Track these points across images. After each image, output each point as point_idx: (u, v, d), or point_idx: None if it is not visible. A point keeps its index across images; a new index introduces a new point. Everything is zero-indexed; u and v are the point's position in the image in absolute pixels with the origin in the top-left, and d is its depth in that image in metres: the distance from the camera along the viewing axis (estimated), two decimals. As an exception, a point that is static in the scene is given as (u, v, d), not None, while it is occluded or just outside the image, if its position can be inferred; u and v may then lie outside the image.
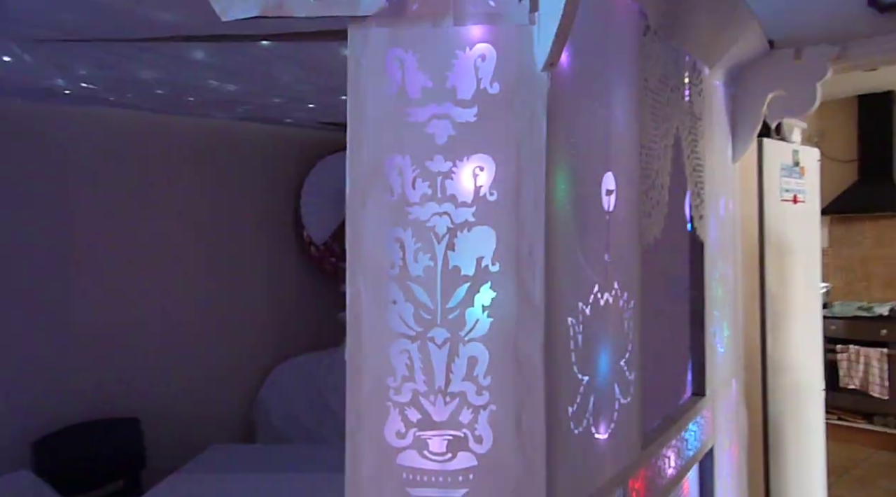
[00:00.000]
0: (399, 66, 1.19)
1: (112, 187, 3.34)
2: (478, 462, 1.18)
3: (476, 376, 1.18)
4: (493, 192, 1.17)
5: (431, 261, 1.18)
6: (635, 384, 1.57)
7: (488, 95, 1.17)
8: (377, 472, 1.20)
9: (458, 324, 1.18)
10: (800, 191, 3.26)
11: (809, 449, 3.33)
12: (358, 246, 1.21)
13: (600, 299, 1.39)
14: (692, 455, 2.05)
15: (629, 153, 1.53)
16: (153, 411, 3.35)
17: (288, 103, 3.10)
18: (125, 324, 3.35)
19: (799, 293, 3.25)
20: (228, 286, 3.76)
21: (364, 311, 1.21)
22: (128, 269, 3.37)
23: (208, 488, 2.59)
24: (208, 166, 3.69)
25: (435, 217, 1.18)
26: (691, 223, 2.13)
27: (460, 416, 1.18)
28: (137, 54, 2.38)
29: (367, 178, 1.20)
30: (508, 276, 1.17)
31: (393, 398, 1.19)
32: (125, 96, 3.01)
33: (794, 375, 3.19)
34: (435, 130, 1.18)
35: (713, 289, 2.30)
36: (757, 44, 2.33)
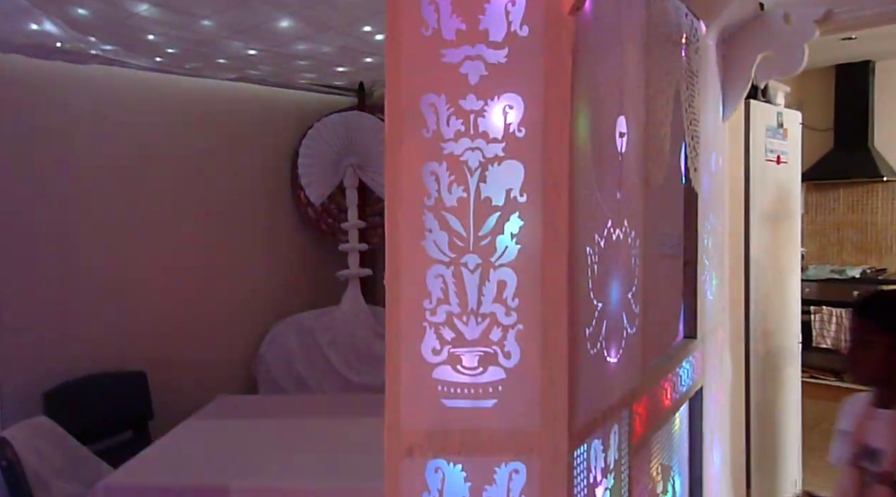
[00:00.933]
0: (434, 9, 1.27)
1: (116, 145, 3.39)
2: (506, 375, 1.30)
3: (505, 298, 1.29)
4: (522, 129, 1.27)
5: (464, 192, 1.28)
6: (639, 317, 1.70)
7: (518, 38, 1.26)
8: (414, 386, 1.31)
9: (488, 250, 1.29)
10: (783, 152, 3.40)
11: (787, 401, 3.52)
12: (396, 179, 1.30)
13: (612, 234, 1.50)
14: (685, 391, 2.19)
15: (637, 101, 1.64)
16: (159, 365, 3.43)
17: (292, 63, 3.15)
18: (131, 280, 3.42)
19: (779, 250, 3.41)
20: (229, 245, 3.84)
21: (401, 240, 1.30)
22: (132, 226, 3.43)
23: (220, 433, 2.70)
24: (209, 127, 3.74)
25: (468, 152, 1.28)
26: (686, 175, 2.25)
27: (491, 334, 1.29)
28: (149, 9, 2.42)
29: (403, 116, 1.29)
30: (535, 206, 1.28)
31: (429, 319, 1.30)
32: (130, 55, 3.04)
33: (773, 330, 3.36)
34: (468, 71, 1.27)
35: (704, 239, 2.43)
36: (750, 4, 2.43)
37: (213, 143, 3.80)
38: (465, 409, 1.30)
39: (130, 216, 3.44)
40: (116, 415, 3.20)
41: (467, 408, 1.30)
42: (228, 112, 3.85)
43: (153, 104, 3.55)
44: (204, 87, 3.71)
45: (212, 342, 3.75)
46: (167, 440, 2.61)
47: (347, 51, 2.98)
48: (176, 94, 3.62)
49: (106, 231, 3.36)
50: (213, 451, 2.48)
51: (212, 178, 3.78)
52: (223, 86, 3.76)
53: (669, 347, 2.20)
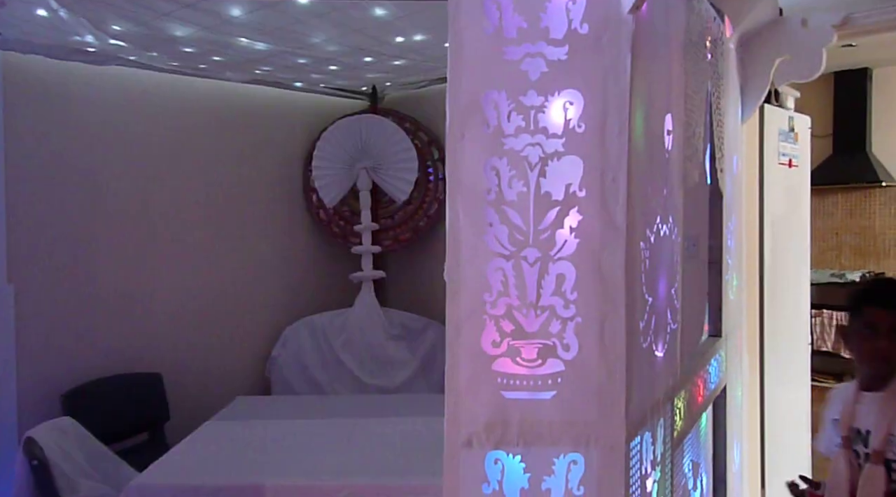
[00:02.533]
0: (496, 7, 1.30)
1: (131, 147, 3.39)
2: (565, 368, 1.31)
3: (564, 291, 1.31)
4: (581, 125, 1.29)
5: (525, 187, 1.30)
6: (680, 312, 1.73)
7: (578, 35, 1.29)
8: (474, 378, 1.32)
9: (548, 244, 1.31)
10: (794, 155, 3.45)
11: (797, 402, 3.56)
12: (457, 174, 1.32)
13: (660, 229, 1.53)
14: (713, 388, 2.22)
15: (680, 100, 1.67)
16: (175, 368, 3.43)
17: (311, 64, 3.17)
18: (147, 282, 3.42)
19: (790, 253, 3.45)
20: (242, 247, 3.84)
21: (462, 234, 1.32)
22: (148, 228, 3.43)
23: (243, 433, 2.70)
24: (223, 129, 3.75)
25: (528, 147, 1.30)
26: (712, 175, 2.28)
27: (550, 326, 1.31)
28: (176, 10, 2.44)
29: (465, 112, 1.31)
30: (594, 201, 1.30)
31: (489, 311, 1.32)
32: (149, 55, 3.05)
33: (785, 332, 3.40)
34: (528, 68, 1.30)
35: (728, 239, 2.47)
36: (772, 9, 2.48)
37: (226, 146, 3.80)
38: (525, 400, 1.32)
39: (146, 218, 3.44)
40: (133, 416, 3.19)
41: (526, 399, 1.32)
42: (241, 115, 3.85)
43: (168, 106, 3.55)
44: (217, 90, 3.71)
45: (225, 344, 3.74)
46: (191, 441, 2.61)
47: (369, 53, 3.00)
48: (190, 97, 3.62)
49: (122, 232, 3.35)
50: (238, 451, 2.48)
51: (225, 180, 3.79)
52: (236, 88, 3.77)
53: (697, 345, 2.23)
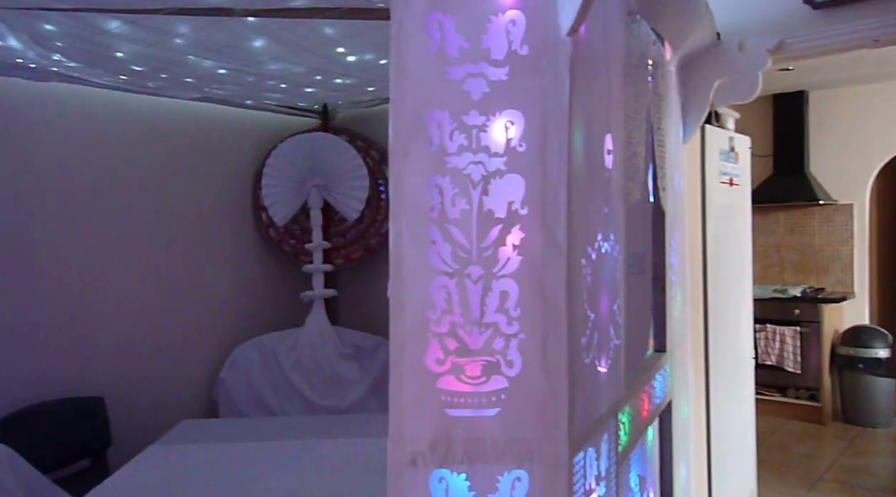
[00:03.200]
0: (438, 28, 1.32)
1: (74, 165, 3.31)
2: (509, 384, 1.32)
3: (507, 308, 1.32)
4: (523, 144, 1.32)
5: (468, 204, 1.32)
6: (624, 328, 1.76)
7: (518, 56, 1.31)
8: (418, 395, 1.32)
9: (491, 261, 1.32)
10: (735, 174, 3.57)
11: (742, 416, 3.65)
12: (400, 192, 1.33)
13: (602, 247, 1.56)
14: (658, 403, 2.26)
15: (619, 120, 1.71)
16: (118, 391, 3.32)
17: (260, 82, 3.14)
18: (89, 302, 3.31)
19: (733, 269, 3.55)
20: (189, 267, 3.77)
21: (405, 251, 1.33)
22: (90, 247, 3.34)
23: (187, 458, 2.63)
24: (169, 147, 3.68)
25: (471, 166, 1.32)
26: (655, 194, 2.34)
27: (493, 343, 1.32)
28: (121, 27, 2.40)
29: (408, 131, 1.32)
30: (536, 218, 1.32)
31: (433, 329, 1.32)
32: (93, 72, 2.98)
33: (729, 347, 3.48)
34: (470, 88, 1.32)
35: (671, 256, 2.53)
36: (709, 34, 2.57)
37: (174, 164, 3.74)
38: (469, 417, 1.32)
39: (89, 237, 3.34)
40: (74, 442, 3.07)
41: (470, 416, 1.32)
42: (190, 132, 3.80)
43: (113, 123, 3.47)
44: (165, 107, 3.65)
45: (171, 366, 3.65)
46: (132, 467, 2.52)
47: (318, 72, 3.00)
48: (137, 114, 3.55)
49: (63, 251, 3.25)
50: (183, 477, 2.41)
51: (172, 198, 3.71)
52: (185, 105, 3.72)
53: (642, 360, 2.27)
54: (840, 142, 5.98)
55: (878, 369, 5.29)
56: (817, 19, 2.60)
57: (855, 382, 5.41)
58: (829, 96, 6.05)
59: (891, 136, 5.74)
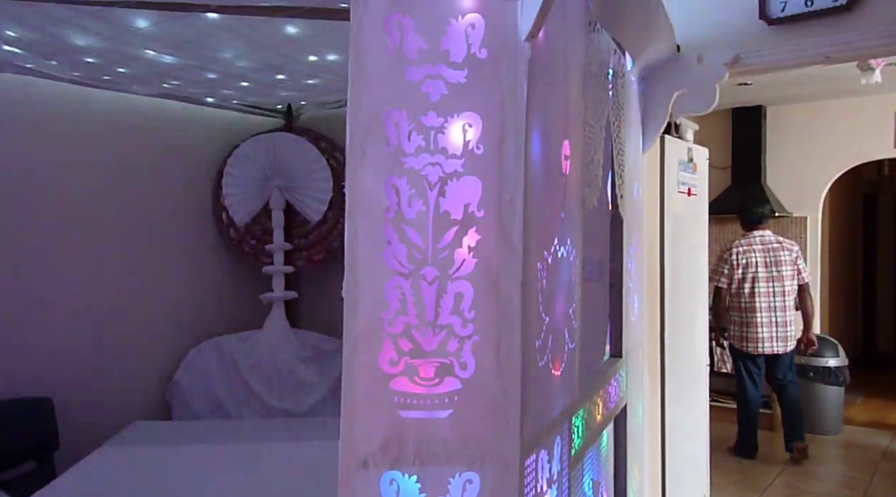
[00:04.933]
0: (398, 28, 1.31)
1: (26, 158, 3.21)
2: (462, 386, 1.32)
3: (462, 310, 1.32)
4: (480, 147, 1.32)
5: (424, 206, 1.31)
6: (578, 332, 1.77)
7: (477, 59, 1.32)
8: (371, 396, 1.31)
9: (446, 263, 1.32)
10: (693, 185, 3.63)
11: (697, 421, 3.71)
12: (356, 191, 1.32)
13: (558, 251, 1.57)
14: (613, 407, 2.28)
15: (578, 127, 1.73)
16: (67, 392, 3.23)
17: (221, 80, 3.10)
18: (38, 301, 3.22)
19: (689, 277, 3.61)
20: (146, 266, 3.69)
21: (360, 251, 1.32)
22: (40, 242, 3.25)
23: (137, 460, 2.57)
24: (127, 143, 3.61)
25: (428, 167, 1.32)
26: (613, 201, 2.38)
27: (448, 345, 1.32)
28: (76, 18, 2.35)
29: (366, 130, 1.32)
30: (492, 221, 1.32)
31: (387, 330, 1.31)
32: (48, 63, 2.91)
33: (685, 353, 3.54)
34: (429, 89, 1.32)
35: (628, 263, 2.56)
36: (669, 46, 2.62)
37: (133, 161, 3.66)
38: (421, 419, 1.32)
39: (39, 232, 3.25)
40: (19, 444, 2.97)
41: (423, 418, 1.32)
42: (150, 129, 3.73)
43: (70, 118, 3.39)
44: (124, 102, 3.58)
45: (124, 367, 3.57)
46: (81, 469, 2.46)
47: (281, 71, 2.97)
48: (96, 109, 3.47)
49: (11, 247, 3.16)
50: (131, 480, 2.36)
51: (130, 196, 3.64)
52: (144, 101, 3.65)
53: (598, 365, 2.30)
54: (795, 156, 6.14)
55: (828, 378, 5.43)
56: (772, 35, 2.67)
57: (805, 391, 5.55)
58: (786, 111, 6.21)
59: (842, 152, 5.91)
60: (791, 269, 4.76)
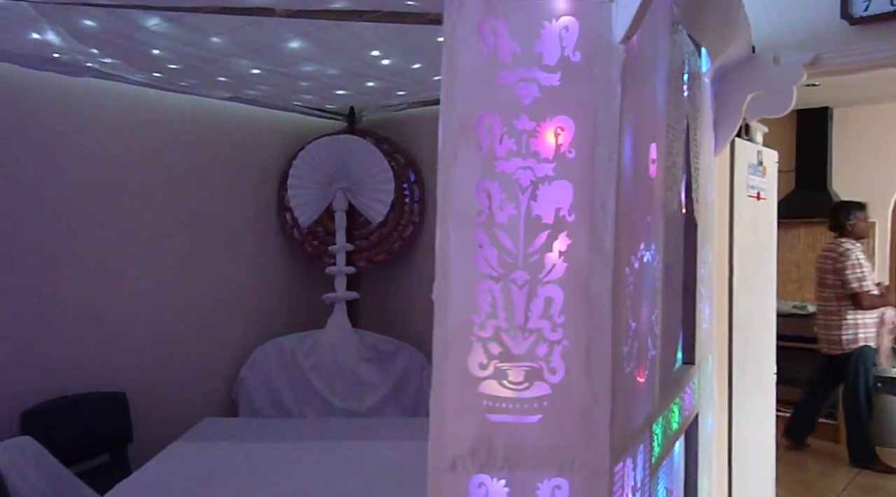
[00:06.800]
0: (491, 32, 1.31)
1: (101, 161, 3.33)
2: (551, 391, 1.31)
3: (552, 315, 1.31)
4: (572, 151, 1.31)
5: (515, 210, 1.31)
6: (660, 339, 1.75)
7: (571, 63, 1.31)
8: (460, 399, 1.31)
9: (537, 267, 1.31)
10: (762, 188, 3.54)
11: (763, 432, 3.61)
12: (448, 195, 1.33)
13: (644, 256, 1.55)
14: (687, 415, 2.24)
15: (662, 130, 1.71)
16: (139, 387, 3.33)
17: (291, 83, 3.16)
18: (114, 300, 3.34)
19: (758, 283, 3.52)
20: (213, 265, 3.78)
21: (452, 255, 1.32)
22: (116, 243, 3.36)
23: (210, 456, 2.63)
24: (197, 145, 3.70)
25: (520, 171, 1.31)
26: (687, 205, 2.33)
27: (537, 349, 1.31)
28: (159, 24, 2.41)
29: (458, 134, 1.32)
30: (583, 225, 1.31)
31: (476, 333, 1.31)
32: (128, 68, 3.01)
33: (752, 361, 3.45)
34: (522, 93, 1.31)
35: (701, 269, 2.51)
36: (746, 46, 2.56)
37: (200, 163, 3.75)
38: (510, 423, 1.31)
39: (114, 233, 3.36)
40: (95, 437, 3.08)
41: (512, 423, 1.31)
42: (216, 132, 3.81)
43: (140, 121, 3.49)
44: (192, 106, 3.67)
45: (193, 364, 3.66)
46: (158, 462, 2.53)
47: (351, 74, 3.01)
48: (164, 112, 3.57)
49: (89, 248, 3.27)
50: (207, 475, 2.42)
51: (198, 197, 3.73)
52: (212, 104, 3.73)
53: (673, 372, 2.25)
54: (863, 159, 5.94)
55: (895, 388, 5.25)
56: (854, 35, 2.59)
57: (872, 401, 5.35)
58: (853, 113, 6.01)
59: (916, 157, 5.70)
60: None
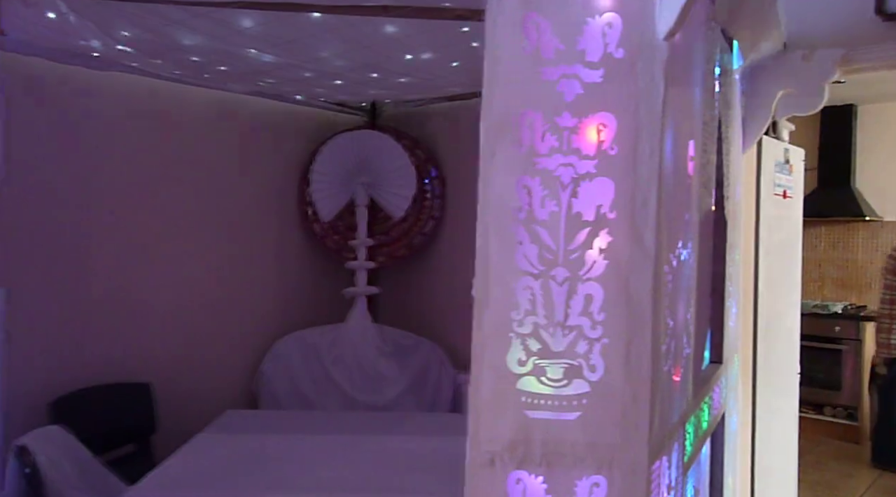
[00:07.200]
0: (535, 28, 1.31)
1: (127, 155, 3.35)
2: (591, 389, 1.31)
3: (591, 312, 1.31)
4: (614, 147, 1.30)
5: (556, 206, 1.30)
6: (694, 338, 1.74)
7: (613, 59, 1.30)
8: (498, 396, 1.31)
9: (577, 264, 1.31)
10: (788, 187, 3.51)
11: (786, 432, 3.59)
12: (488, 191, 1.32)
13: (681, 254, 1.54)
14: (716, 414, 2.23)
15: (699, 127, 1.70)
16: (163, 378, 3.36)
17: (316, 78, 3.16)
18: (139, 292, 3.37)
19: (782, 283, 3.50)
20: (236, 259, 3.81)
21: (491, 251, 1.32)
22: (142, 237, 3.39)
23: (236, 448, 2.65)
24: (221, 139, 3.72)
25: (561, 167, 1.30)
26: (717, 202, 2.31)
27: (577, 347, 1.31)
28: (187, 19, 2.42)
29: (498, 130, 1.32)
30: (624, 223, 1.30)
31: (515, 330, 1.31)
32: (154, 62, 3.02)
33: (776, 361, 3.43)
34: (564, 89, 1.30)
35: (730, 266, 2.49)
36: (778, 43, 2.54)
37: (222, 157, 3.77)
38: (549, 420, 1.31)
39: (140, 226, 3.39)
40: (121, 427, 3.12)
41: (550, 419, 1.31)
42: (238, 125, 3.83)
43: (165, 115, 3.51)
44: (215, 99, 3.68)
45: (213, 356, 3.69)
46: (185, 453, 2.55)
47: (376, 69, 3.01)
48: (187, 105, 3.58)
49: (116, 240, 3.30)
50: (234, 466, 2.44)
51: (220, 191, 3.75)
52: (234, 98, 3.74)
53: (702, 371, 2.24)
54: (888, 157, 5.87)
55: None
56: (888, 31, 2.55)
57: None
58: (879, 110, 5.94)
59: (942, 154, 5.62)
60: None
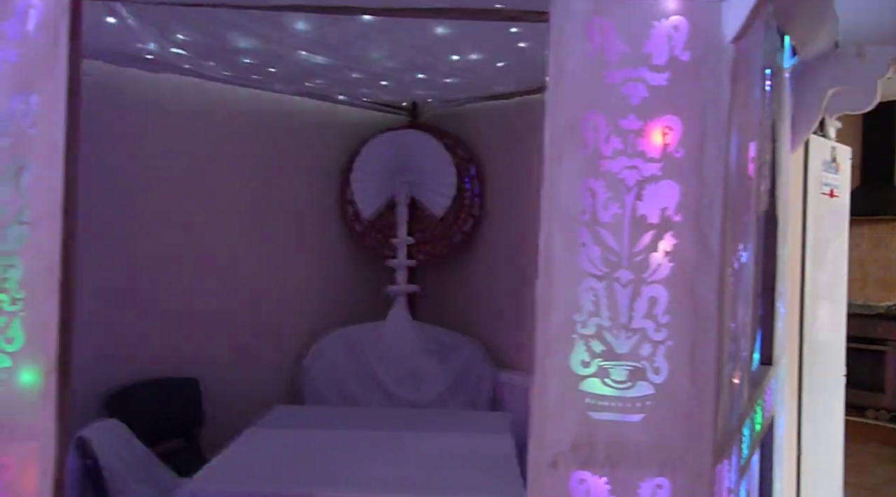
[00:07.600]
0: (599, 32, 1.31)
1: (177, 155, 3.42)
2: (655, 391, 1.31)
3: (656, 314, 1.31)
4: (680, 150, 1.31)
5: (620, 209, 1.31)
6: (750, 340, 1.73)
7: (680, 62, 1.30)
8: (562, 397, 1.33)
9: (641, 266, 1.31)
10: (835, 186, 3.46)
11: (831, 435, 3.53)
12: (552, 193, 1.33)
13: (742, 256, 1.54)
14: (768, 416, 2.21)
15: (758, 128, 1.69)
16: (210, 373, 3.43)
17: (364, 79, 3.19)
18: (187, 290, 3.44)
19: (829, 284, 3.44)
20: (278, 257, 3.87)
21: (555, 253, 1.33)
22: (192, 236, 3.46)
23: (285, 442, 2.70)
24: (266, 139, 3.78)
25: (625, 170, 1.31)
26: (772, 202, 2.29)
27: (641, 349, 1.31)
28: (245, 22, 2.47)
29: (563, 133, 1.33)
30: (689, 225, 1.30)
31: (579, 331, 1.32)
32: (206, 64, 3.08)
33: (821, 362, 3.38)
34: (629, 92, 1.31)
35: (780, 267, 2.47)
36: (831, 41, 2.50)
37: (267, 156, 3.83)
38: (612, 421, 1.32)
39: (189, 224, 3.46)
40: (169, 421, 3.19)
41: (614, 421, 1.32)
42: (283, 124, 3.88)
43: (212, 115, 3.58)
44: (258, 100, 3.73)
45: (259, 352, 3.75)
46: (236, 448, 2.60)
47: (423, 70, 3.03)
48: (232, 106, 3.64)
49: (166, 238, 3.37)
50: (285, 460, 2.48)
51: (265, 189, 3.81)
52: (277, 99, 3.79)
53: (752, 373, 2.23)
54: (933, 155, 5.74)
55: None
56: (944, 28, 2.50)
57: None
58: (923, 107, 5.79)
59: None
60: None
